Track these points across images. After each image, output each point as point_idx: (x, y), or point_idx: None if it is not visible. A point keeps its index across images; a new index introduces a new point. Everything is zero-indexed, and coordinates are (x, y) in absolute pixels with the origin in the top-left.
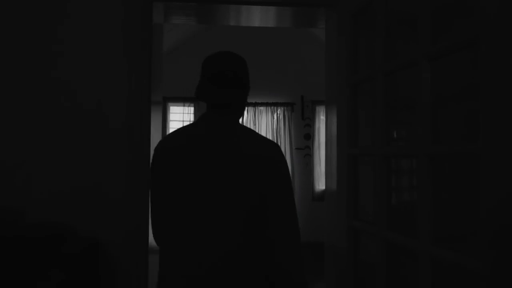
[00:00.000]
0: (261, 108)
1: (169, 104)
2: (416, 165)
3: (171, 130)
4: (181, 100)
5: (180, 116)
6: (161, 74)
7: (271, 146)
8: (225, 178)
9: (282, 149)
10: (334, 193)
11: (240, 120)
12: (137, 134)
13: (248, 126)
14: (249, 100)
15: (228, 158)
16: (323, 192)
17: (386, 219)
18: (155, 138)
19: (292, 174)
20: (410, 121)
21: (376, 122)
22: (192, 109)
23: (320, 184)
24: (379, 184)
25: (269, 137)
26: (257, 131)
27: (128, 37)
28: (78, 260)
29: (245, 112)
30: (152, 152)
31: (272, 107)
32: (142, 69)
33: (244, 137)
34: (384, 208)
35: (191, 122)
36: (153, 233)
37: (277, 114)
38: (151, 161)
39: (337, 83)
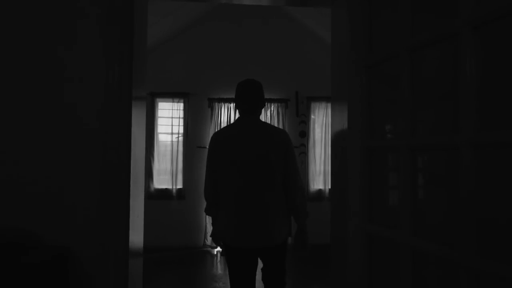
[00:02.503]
0: None
1: (157, 99)
2: (458, 158)
3: (159, 128)
4: (170, 95)
5: (169, 113)
6: (145, 64)
7: (282, 130)
8: (262, 152)
9: None
10: (343, 193)
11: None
12: (114, 134)
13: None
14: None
15: (261, 140)
16: (319, 192)
17: (411, 223)
18: (138, 137)
19: None
20: (441, 107)
21: (399, 109)
22: (181, 105)
23: (315, 184)
24: (403, 182)
25: None
26: None
27: (105, 14)
28: (42, 271)
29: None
30: (133, 152)
31: (266, 103)
32: (122, 57)
33: (265, 127)
34: (408, 210)
35: (231, 123)
36: (209, 193)
37: (270, 110)
38: (209, 146)
39: (348, 66)
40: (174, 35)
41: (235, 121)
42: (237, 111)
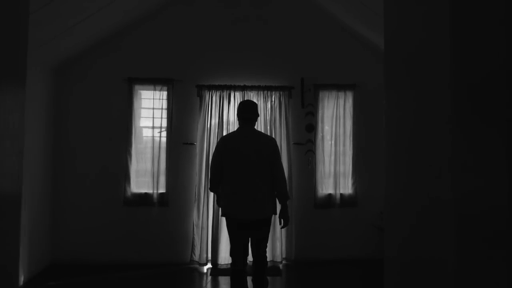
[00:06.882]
0: (251, 93)
1: (136, 86)
2: None
3: (141, 121)
4: (151, 82)
5: (149, 103)
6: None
7: (271, 137)
8: (256, 152)
9: (278, 144)
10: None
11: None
12: None
13: (234, 115)
14: (237, 83)
15: (256, 143)
16: (329, 197)
17: None
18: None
19: (290, 175)
20: None
21: None
22: (165, 93)
23: (324, 188)
24: None
25: (262, 129)
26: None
27: None
28: None
29: (232, 100)
30: None
31: (265, 92)
32: None
33: (259, 134)
34: None
35: (235, 130)
36: (216, 175)
37: (271, 101)
38: (218, 144)
39: None
40: (157, 11)
41: (238, 129)
42: (228, 105)
